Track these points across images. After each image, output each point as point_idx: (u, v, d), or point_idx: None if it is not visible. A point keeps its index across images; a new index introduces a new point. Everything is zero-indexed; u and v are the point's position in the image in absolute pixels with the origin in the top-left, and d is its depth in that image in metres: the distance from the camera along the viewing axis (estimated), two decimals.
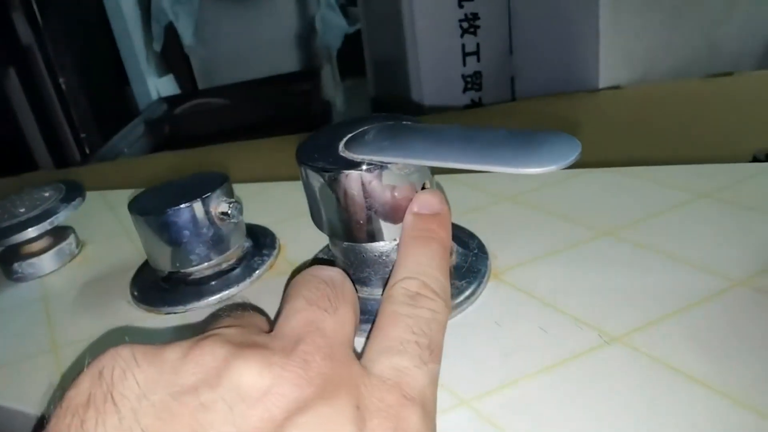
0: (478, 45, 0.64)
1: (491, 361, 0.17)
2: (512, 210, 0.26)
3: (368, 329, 0.19)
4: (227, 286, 0.24)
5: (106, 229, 0.33)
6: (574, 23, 0.54)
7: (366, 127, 0.19)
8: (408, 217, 0.19)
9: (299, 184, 0.19)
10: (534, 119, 0.51)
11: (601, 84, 0.53)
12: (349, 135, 0.19)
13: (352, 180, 0.18)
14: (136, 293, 0.26)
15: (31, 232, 0.30)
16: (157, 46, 1.24)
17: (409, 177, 0.18)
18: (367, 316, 0.20)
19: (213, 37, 1.26)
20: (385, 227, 0.19)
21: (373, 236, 0.19)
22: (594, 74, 0.53)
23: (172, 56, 1.29)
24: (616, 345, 0.17)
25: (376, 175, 0.18)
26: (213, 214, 0.23)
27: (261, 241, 0.27)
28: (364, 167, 0.18)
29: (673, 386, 0.15)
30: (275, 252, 0.26)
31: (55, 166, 1.15)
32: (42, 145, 1.18)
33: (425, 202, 0.19)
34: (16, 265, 0.31)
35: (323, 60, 1.17)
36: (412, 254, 0.18)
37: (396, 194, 0.18)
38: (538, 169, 0.15)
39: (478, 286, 0.20)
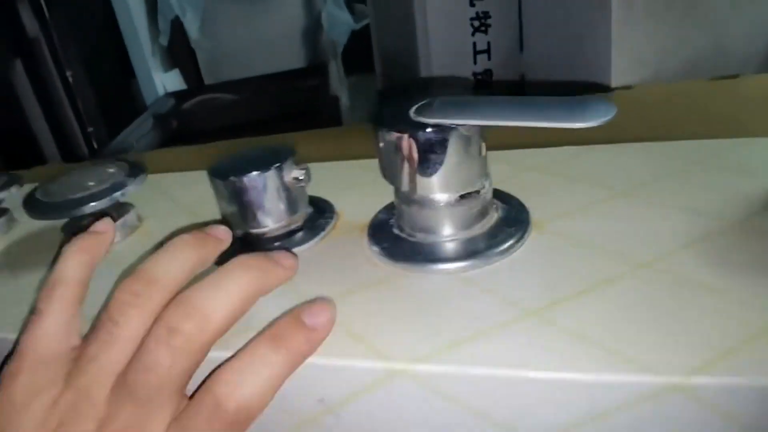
0: (489, 43, 0.68)
1: (546, 285, 0.21)
2: (540, 178, 0.29)
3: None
4: (297, 245, 0.27)
5: (163, 208, 0.36)
6: (586, 22, 0.58)
7: (432, 98, 0.23)
8: (286, 316, 0.20)
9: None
10: None
11: (614, 83, 0.56)
12: (418, 104, 0.22)
13: (427, 139, 0.21)
14: None
15: (101, 204, 0.32)
16: (164, 41, 1.26)
17: (472, 138, 0.22)
18: (431, 256, 0.23)
19: (219, 32, 1.28)
20: (452, 182, 0.22)
21: (439, 189, 0.22)
22: (606, 73, 0.56)
23: (178, 51, 1.31)
24: (647, 269, 0.21)
25: (446, 134, 0.21)
26: (287, 179, 0.27)
27: (321, 207, 0.30)
28: (434, 129, 0.21)
29: (697, 295, 0.20)
30: (335, 216, 0.29)
31: (63, 161, 1.16)
32: (50, 138, 1.18)
33: (314, 312, 0.20)
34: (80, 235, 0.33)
35: (330, 56, 1.20)
36: (253, 358, 0.19)
37: (462, 151, 0.22)
38: (585, 124, 0.19)
39: (524, 233, 0.24)
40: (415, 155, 0.21)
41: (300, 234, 0.28)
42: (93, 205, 0.32)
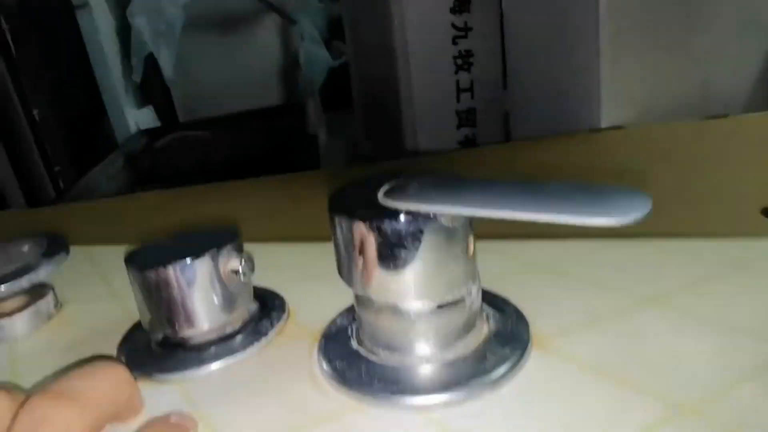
0: (472, 82, 0.64)
1: None
2: (545, 279, 0.24)
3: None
4: (232, 352, 0.21)
5: (90, 289, 0.30)
6: (574, 60, 0.54)
7: (408, 176, 0.17)
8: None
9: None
10: (533, 159, 0.50)
11: (603, 122, 0.52)
12: (388, 185, 0.17)
13: (396, 229, 0.15)
14: (123, 358, 0.23)
15: (3, 290, 0.26)
16: (137, 78, 1.22)
17: (457, 231, 0.16)
18: (397, 386, 0.17)
19: (195, 69, 1.25)
20: (428, 286, 0.16)
21: (410, 295, 0.16)
22: (595, 112, 0.52)
23: (151, 88, 1.27)
24: (691, 415, 0.15)
25: (422, 225, 0.15)
26: (222, 271, 0.21)
27: (269, 304, 0.24)
28: (407, 217, 0.15)
29: None
30: (285, 316, 0.23)
31: (27, 205, 1.09)
32: (13, 179, 1.13)
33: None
34: None
35: (307, 94, 1.16)
36: None
37: (442, 248, 0.16)
38: (609, 220, 0.13)
39: (522, 354, 0.18)
40: (380, 250, 0.16)
41: (237, 339, 0.22)
42: None
